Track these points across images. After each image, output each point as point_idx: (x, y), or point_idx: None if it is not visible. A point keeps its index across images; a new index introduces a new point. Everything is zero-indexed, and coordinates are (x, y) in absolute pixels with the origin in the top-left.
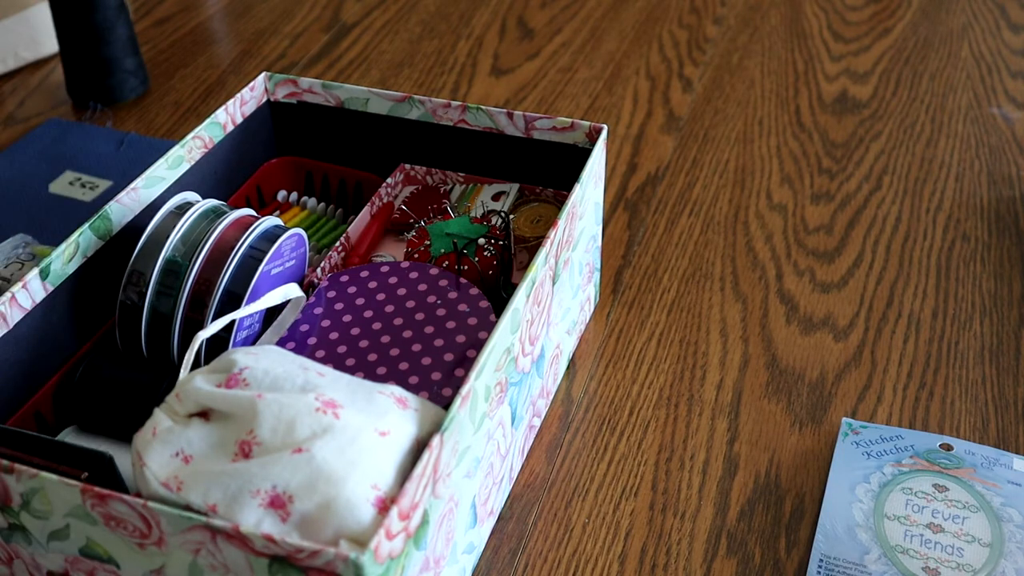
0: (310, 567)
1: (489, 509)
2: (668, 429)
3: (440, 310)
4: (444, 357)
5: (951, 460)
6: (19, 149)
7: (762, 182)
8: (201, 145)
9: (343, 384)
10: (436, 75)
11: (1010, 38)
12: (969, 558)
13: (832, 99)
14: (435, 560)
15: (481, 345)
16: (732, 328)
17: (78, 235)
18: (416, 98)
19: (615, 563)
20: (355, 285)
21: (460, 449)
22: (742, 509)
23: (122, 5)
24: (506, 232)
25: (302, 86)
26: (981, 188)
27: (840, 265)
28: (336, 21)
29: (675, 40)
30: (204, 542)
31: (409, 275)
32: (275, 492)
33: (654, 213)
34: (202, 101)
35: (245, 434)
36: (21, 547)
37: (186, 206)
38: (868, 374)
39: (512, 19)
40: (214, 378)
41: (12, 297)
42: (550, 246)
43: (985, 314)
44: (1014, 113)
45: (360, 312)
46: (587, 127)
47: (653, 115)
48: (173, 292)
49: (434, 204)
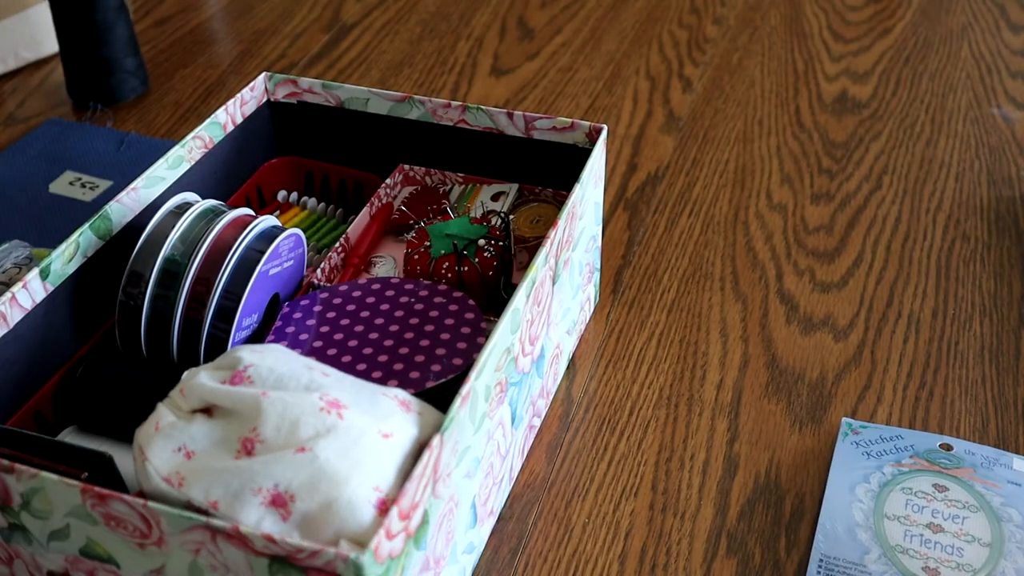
0: (310, 567)
1: (489, 509)
2: (668, 429)
3: (420, 316)
4: (436, 351)
5: (951, 460)
6: (19, 149)
7: (762, 182)
8: (201, 145)
9: (347, 385)
10: (436, 75)
11: (1010, 38)
12: (969, 558)
13: (832, 99)
14: (435, 560)
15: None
16: (732, 328)
17: (78, 235)
18: (416, 98)
19: (615, 563)
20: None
21: (460, 449)
22: (742, 509)
23: (122, 5)
24: (506, 232)
25: (302, 86)
26: (981, 188)
27: (840, 265)
28: (336, 21)
29: (675, 40)
30: (204, 542)
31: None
32: (277, 491)
33: (654, 213)
34: (202, 101)
35: (248, 431)
36: (21, 547)
37: (185, 206)
38: (868, 374)
39: (512, 19)
40: (218, 374)
41: (12, 297)
42: (550, 246)
43: (985, 314)
44: (1014, 113)
45: (333, 332)
46: (587, 127)
47: (653, 115)
48: (172, 291)
49: (433, 204)
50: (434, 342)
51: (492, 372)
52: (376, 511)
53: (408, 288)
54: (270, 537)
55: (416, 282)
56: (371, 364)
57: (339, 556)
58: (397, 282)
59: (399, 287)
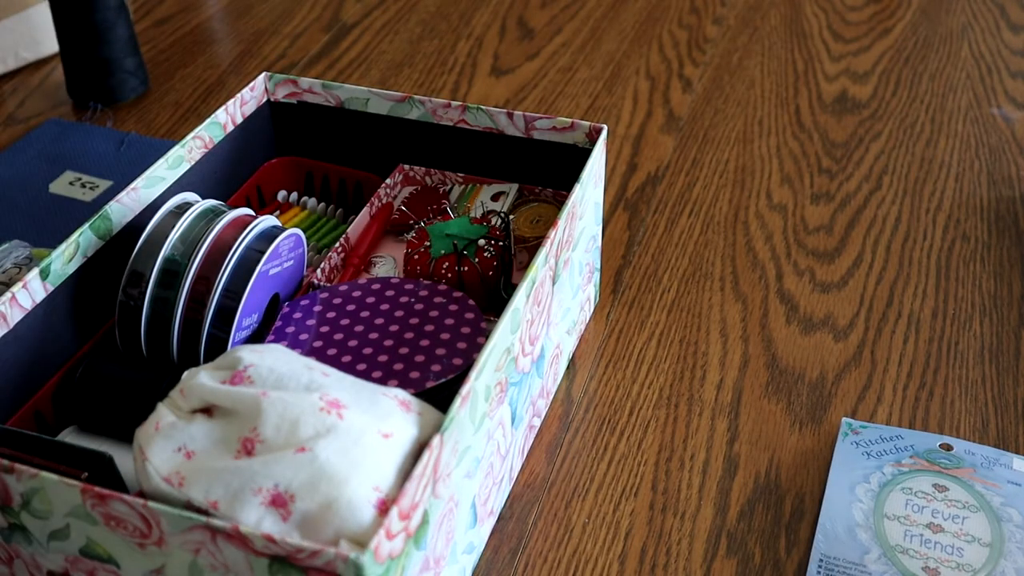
0: (310, 567)
1: (489, 509)
2: (668, 429)
3: (419, 316)
4: (436, 351)
5: (951, 460)
6: (19, 149)
7: (762, 182)
8: (201, 145)
9: (347, 384)
10: (436, 75)
11: (1010, 38)
12: (969, 558)
13: (832, 99)
14: (435, 560)
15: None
16: (732, 328)
17: (78, 235)
18: (416, 98)
19: (615, 563)
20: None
21: (460, 449)
22: (742, 509)
23: (122, 5)
24: (506, 232)
25: (302, 86)
26: (981, 188)
27: (840, 265)
28: (336, 21)
29: (675, 40)
30: (204, 542)
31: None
32: (277, 491)
33: (654, 213)
34: (202, 101)
35: (248, 431)
36: (21, 547)
37: (185, 206)
38: (868, 374)
39: (512, 19)
40: (218, 374)
41: (12, 297)
42: (550, 246)
43: (985, 314)
44: (1014, 113)
45: (332, 332)
46: (587, 127)
47: (653, 115)
48: (172, 291)
49: (433, 204)
50: (434, 342)
51: (492, 372)
52: (376, 511)
53: (408, 288)
54: (270, 537)
55: (416, 282)
56: (371, 364)
57: (339, 556)
58: (397, 282)
59: (399, 287)
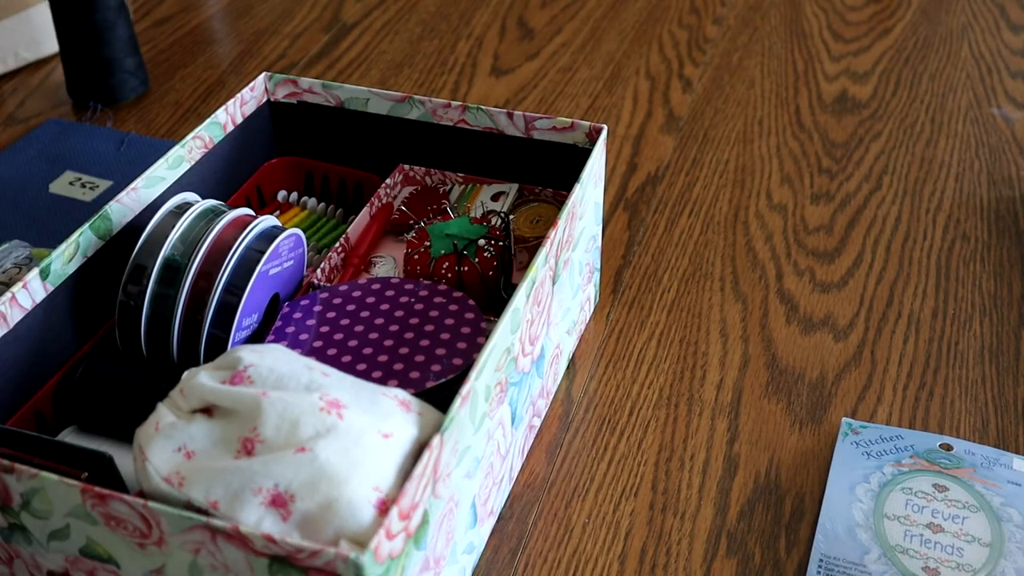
0: (310, 567)
1: (489, 509)
2: (668, 429)
3: (419, 316)
4: (436, 351)
5: (951, 460)
6: (19, 149)
7: (762, 182)
8: (201, 145)
9: (347, 384)
10: (436, 75)
11: (1010, 38)
12: (969, 558)
13: (832, 99)
14: (435, 560)
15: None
16: (732, 328)
17: (78, 235)
18: (416, 98)
19: (615, 563)
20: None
21: (460, 449)
22: (742, 509)
23: (122, 5)
24: (506, 232)
25: (302, 86)
26: (981, 188)
27: (840, 265)
28: (336, 21)
29: (675, 40)
30: (204, 542)
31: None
32: (277, 491)
33: (654, 213)
34: (202, 101)
35: (248, 431)
36: (21, 547)
37: (185, 206)
38: (868, 374)
39: (512, 19)
40: (218, 374)
41: (12, 297)
42: (550, 246)
43: (985, 314)
44: (1014, 113)
45: (333, 331)
46: (587, 127)
47: (653, 115)
48: (172, 291)
49: (433, 204)
50: (434, 342)
51: (492, 372)
52: (376, 511)
53: (408, 288)
54: (270, 537)
55: (416, 282)
56: (371, 364)
57: (339, 556)
58: (397, 282)
59: (399, 287)
